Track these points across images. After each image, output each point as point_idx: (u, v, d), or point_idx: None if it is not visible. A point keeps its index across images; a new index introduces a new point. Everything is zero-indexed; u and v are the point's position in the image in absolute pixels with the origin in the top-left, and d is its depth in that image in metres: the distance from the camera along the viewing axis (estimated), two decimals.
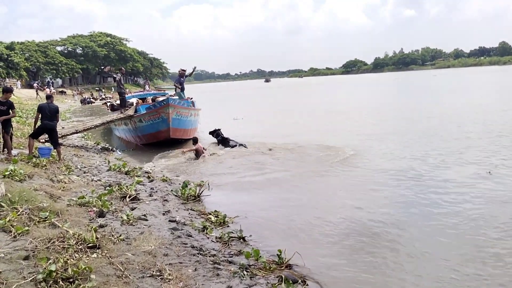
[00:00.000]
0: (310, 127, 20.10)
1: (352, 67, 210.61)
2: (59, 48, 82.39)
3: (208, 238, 6.14)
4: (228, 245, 5.91)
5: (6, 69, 55.84)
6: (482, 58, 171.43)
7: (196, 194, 8.44)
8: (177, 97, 17.22)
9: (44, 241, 4.82)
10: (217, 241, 6.06)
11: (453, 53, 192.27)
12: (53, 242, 4.82)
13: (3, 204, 5.74)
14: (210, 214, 7.43)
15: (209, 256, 5.28)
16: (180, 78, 18.25)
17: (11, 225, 5.14)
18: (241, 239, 6.11)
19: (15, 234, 4.96)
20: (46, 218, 5.70)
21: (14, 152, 10.71)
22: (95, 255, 4.70)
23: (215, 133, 15.58)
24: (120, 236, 5.46)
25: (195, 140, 13.72)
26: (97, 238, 5.07)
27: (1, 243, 4.67)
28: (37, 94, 46.48)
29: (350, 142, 14.40)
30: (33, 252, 4.49)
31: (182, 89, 18.07)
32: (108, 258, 4.66)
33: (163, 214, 7.13)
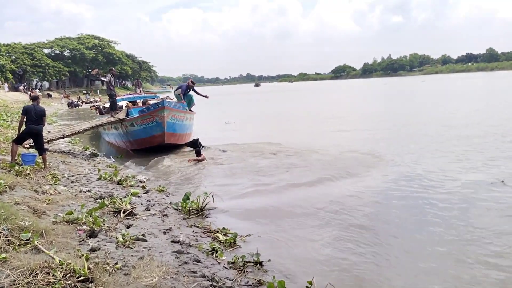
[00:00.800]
0: (308, 132, 19.36)
1: (341, 73, 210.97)
2: (46, 51, 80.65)
3: (219, 263, 5.25)
4: (244, 272, 5.03)
5: None
6: (469, 64, 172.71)
7: (199, 207, 7.55)
8: (174, 100, 16.14)
9: (24, 274, 3.91)
10: (230, 267, 5.18)
11: (440, 59, 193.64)
12: (35, 274, 3.91)
13: None
14: (217, 231, 6.54)
15: None
16: (187, 89, 17.12)
17: None
18: (258, 264, 5.24)
19: None
20: (28, 240, 4.79)
21: None
22: None
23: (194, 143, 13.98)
24: (116, 264, 4.57)
25: (197, 152, 12.83)
26: (89, 268, 4.16)
27: None
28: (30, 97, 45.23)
29: (350, 147, 13.91)
30: None
31: (189, 101, 16.98)
32: None
33: (164, 232, 6.23)
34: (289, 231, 6.76)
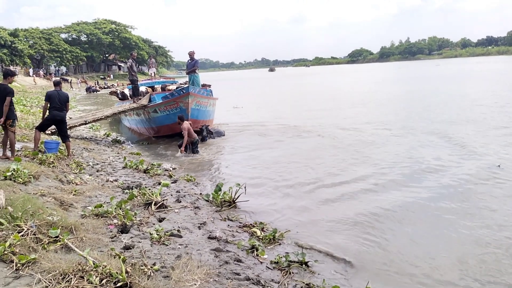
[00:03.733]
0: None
1: (358, 57, 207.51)
2: (63, 36, 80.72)
3: (261, 263, 4.84)
4: (289, 273, 4.61)
5: (10, 56, 54.49)
6: (490, 47, 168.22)
7: (231, 199, 7.14)
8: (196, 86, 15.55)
9: (56, 278, 3.54)
10: (273, 267, 4.76)
11: (460, 43, 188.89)
12: (69, 279, 3.54)
13: (2, 221, 4.44)
14: (254, 226, 6.12)
15: None
16: (191, 61, 16.40)
17: (12, 252, 3.86)
18: (304, 265, 4.81)
19: (18, 265, 3.70)
20: (57, 237, 4.43)
21: (17, 146, 9.41)
22: None
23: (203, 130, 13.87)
24: (154, 264, 4.19)
25: (181, 119, 12.18)
26: (127, 272, 3.78)
27: None
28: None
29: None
30: None
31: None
32: None
33: (199, 227, 5.84)
34: (327, 226, 6.32)
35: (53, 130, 11.40)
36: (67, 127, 10.56)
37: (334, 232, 6.10)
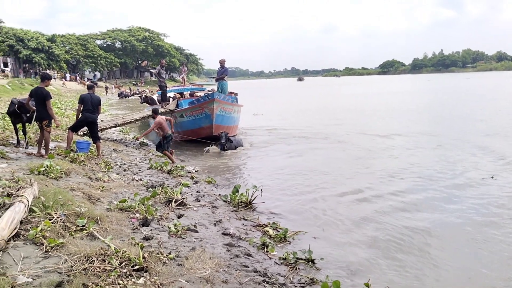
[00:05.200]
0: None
1: (389, 68, 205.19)
2: (98, 42, 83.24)
3: (270, 258, 5.14)
4: (296, 269, 4.90)
5: (47, 61, 56.66)
6: None
7: (248, 200, 7.47)
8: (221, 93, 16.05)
9: (81, 260, 3.94)
10: (281, 263, 5.06)
11: (495, 56, 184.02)
12: (92, 261, 3.94)
13: (35, 209, 4.91)
14: (267, 226, 6.43)
15: (278, 286, 4.29)
16: (221, 69, 16.93)
17: (43, 236, 4.30)
18: (310, 262, 5.08)
19: (48, 248, 4.12)
20: (83, 226, 4.86)
21: (51, 145, 10.05)
22: (142, 280, 3.79)
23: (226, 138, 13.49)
24: (169, 253, 4.55)
25: (154, 112, 12.10)
26: (144, 257, 4.16)
27: (30, 261, 3.83)
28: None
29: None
30: (68, 276, 3.61)
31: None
32: (158, 287, 3.74)
33: (214, 224, 6.19)
34: (341, 229, 6.56)
35: (85, 131, 12.03)
36: (98, 129, 11.16)
37: (348, 243, 6.08)
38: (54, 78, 53.43)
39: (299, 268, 4.93)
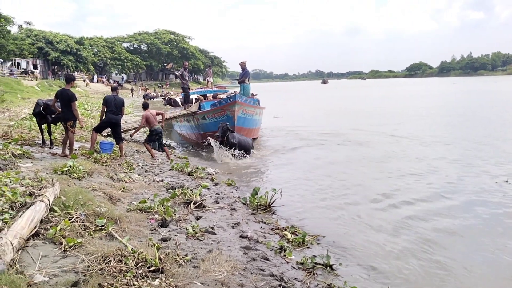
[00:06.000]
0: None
1: (416, 70, 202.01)
2: (125, 45, 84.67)
3: (287, 263, 5.08)
4: (313, 274, 4.82)
5: (75, 63, 57.93)
6: None
7: (267, 203, 7.43)
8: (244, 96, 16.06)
9: (98, 260, 3.98)
10: (298, 267, 5.00)
11: None
12: (109, 261, 3.97)
13: (55, 208, 4.99)
14: (286, 229, 6.37)
15: None
16: (242, 71, 16.88)
17: (62, 235, 4.36)
18: (328, 267, 5.00)
19: (66, 247, 4.18)
20: (103, 226, 4.91)
21: (76, 145, 10.24)
22: (157, 281, 3.79)
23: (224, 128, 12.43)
24: (186, 255, 4.54)
25: (144, 107, 11.82)
26: (160, 259, 4.17)
27: (48, 260, 3.88)
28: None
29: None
30: (84, 276, 3.64)
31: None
32: None
33: (232, 227, 6.17)
34: (360, 235, 6.44)
35: (109, 132, 12.21)
36: (122, 130, 11.30)
37: (367, 249, 5.94)
38: (87, 83, 54.88)
39: (316, 273, 4.86)
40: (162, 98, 26.39)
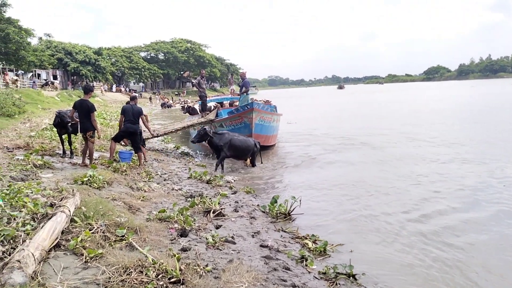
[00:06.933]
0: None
1: (434, 74, 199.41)
2: (142, 54, 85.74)
3: (309, 272, 5.00)
4: (336, 284, 4.73)
5: (94, 73, 58.84)
6: None
7: (287, 211, 7.35)
8: (261, 103, 16.11)
9: (119, 271, 3.96)
10: (320, 277, 4.90)
11: None
12: (129, 272, 3.94)
13: (76, 219, 5.01)
14: (306, 238, 6.28)
15: None
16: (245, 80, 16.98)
17: (83, 246, 4.35)
18: (351, 277, 4.90)
19: (87, 258, 4.17)
20: (123, 236, 4.90)
21: (95, 155, 10.33)
22: None
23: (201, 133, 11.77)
24: (206, 266, 4.50)
25: (132, 99, 11.18)
26: (180, 270, 4.12)
27: (69, 272, 3.88)
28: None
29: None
30: None
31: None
32: None
33: (252, 235, 6.11)
34: (382, 244, 6.30)
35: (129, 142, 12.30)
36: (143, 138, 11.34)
37: (391, 259, 5.77)
38: (102, 92, 55.66)
39: (339, 284, 4.76)
40: (182, 106, 26.65)
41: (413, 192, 9.07)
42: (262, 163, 12.65)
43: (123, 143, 12.53)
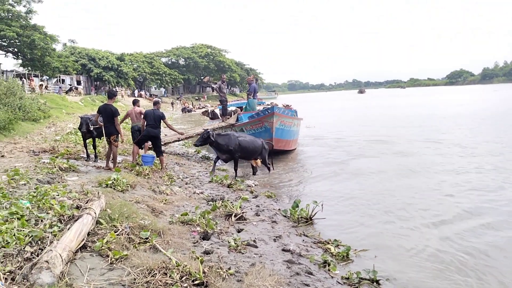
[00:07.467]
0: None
1: (457, 78, 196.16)
2: (163, 60, 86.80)
3: (332, 277, 4.96)
4: None
5: (116, 78, 59.81)
6: None
7: (308, 216, 7.32)
8: (281, 107, 16.16)
9: (143, 272, 4.01)
10: (343, 282, 4.87)
11: None
12: (154, 274, 3.99)
13: (102, 221, 5.10)
14: (329, 243, 6.25)
15: None
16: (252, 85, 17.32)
17: (108, 248, 4.43)
18: (375, 283, 4.85)
19: (112, 259, 4.24)
20: (147, 239, 4.97)
21: (119, 158, 10.50)
22: None
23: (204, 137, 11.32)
24: (229, 269, 4.52)
25: (134, 104, 12.13)
26: (204, 272, 4.15)
27: (95, 273, 3.94)
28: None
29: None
30: None
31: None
32: None
33: (274, 240, 6.11)
34: (407, 249, 6.22)
35: (150, 146, 12.46)
36: (162, 143, 11.50)
37: (415, 264, 5.68)
38: (122, 96, 56.36)
39: None
40: (205, 111, 26.97)
41: (441, 202, 8.83)
42: (273, 169, 12.30)
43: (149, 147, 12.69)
